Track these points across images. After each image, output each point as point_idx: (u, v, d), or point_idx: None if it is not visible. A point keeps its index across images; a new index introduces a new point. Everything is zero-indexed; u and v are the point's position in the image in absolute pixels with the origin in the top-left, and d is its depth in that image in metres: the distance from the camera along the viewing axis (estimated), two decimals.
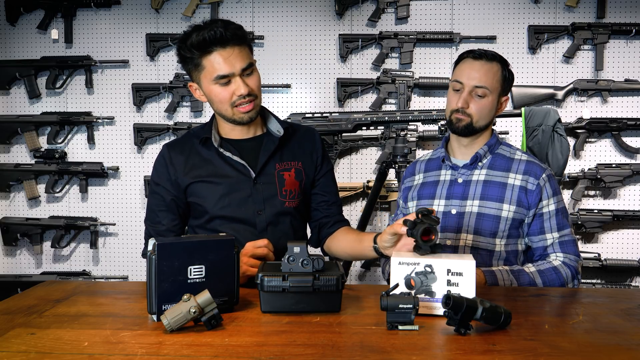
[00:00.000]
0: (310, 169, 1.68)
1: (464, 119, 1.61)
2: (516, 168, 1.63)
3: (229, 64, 1.46)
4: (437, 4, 3.06)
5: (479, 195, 1.61)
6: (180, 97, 3.12)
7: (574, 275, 1.57)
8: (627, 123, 2.94)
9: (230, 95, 1.49)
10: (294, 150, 1.66)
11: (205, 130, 1.61)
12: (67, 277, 3.18)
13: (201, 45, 1.45)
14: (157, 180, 1.61)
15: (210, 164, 1.58)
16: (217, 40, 1.45)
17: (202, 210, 1.58)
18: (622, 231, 3.04)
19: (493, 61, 1.61)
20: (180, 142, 1.64)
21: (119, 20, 3.17)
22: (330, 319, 1.14)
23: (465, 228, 1.60)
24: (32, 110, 3.20)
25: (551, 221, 1.60)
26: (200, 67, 1.49)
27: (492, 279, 1.49)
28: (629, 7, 2.99)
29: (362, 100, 3.10)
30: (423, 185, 1.72)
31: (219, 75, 1.47)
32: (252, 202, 1.57)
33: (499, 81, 1.61)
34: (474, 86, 1.59)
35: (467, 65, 1.61)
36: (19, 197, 3.25)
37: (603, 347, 0.99)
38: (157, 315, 1.11)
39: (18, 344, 1.00)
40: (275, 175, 1.61)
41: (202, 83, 1.52)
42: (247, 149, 1.60)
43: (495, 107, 1.63)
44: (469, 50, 1.65)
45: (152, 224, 1.61)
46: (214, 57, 1.46)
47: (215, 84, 1.49)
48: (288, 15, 3.10)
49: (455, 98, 1.62)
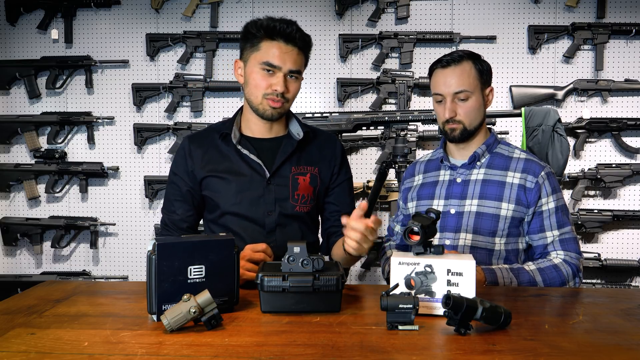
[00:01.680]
0: (326, 176, 1.68)
1: (456, 127, 1.62)
2: (515, 166, 1.63)
3: (282, 58, 1.52)
4: (437, 4, 3.06)
5: (477, 194, 1.62)
6: (180, 97, 3.12)
7: (575, 273, 1.57)
8: (627, 123, 2.94)
9: (267, 85, 1.53)
10: (313, 155, 1.66)
11: (226, 126, 1.63)
12: (67, 277, 3.18)
13: (269, 30, 1.51)
14: (175, 170, 1.65)
15: (227, 160, 1.60)
16: (284, 34, 1.52)
17: (214, 205, 1.61)
18: (622, 231, 3.04)
19: (462, 62, 1.60)
20: (201, 135, 1.67)
21: (119, 20, 3.17)
22: (330, 319, 1.14)
23: (464, 227, 1.60)
24: (32, 110, 3.20)
25: (551, 219, 1.60)
26: (256, 48, 1.53)
27: (492, 277, 1.49)
28: (629, 7, 2.99)
29: (362, 100, 3.10)
30: (422, 186, 1.73)
31: (268, 62, 1.51)
32: (264, 202, 1.58)
33: (476, 77, 1.61)
34: (453, 93, 1.60)
35: (440, 76, 1.62)
36: (19, 197, 3.25)
37: (603, 347, 0.99)
38: (157, 315, 1.11)
39: (18, 344, 1.00)
40: (290, 178, 1.61)
41: (249, 62, 1.55)
42: (266, 149, 1.62)
43: (482, 103, 1.63)
44: (436, 61, 1.65)
45: (168, 212, 1.65)
46: (273, 45, 1.52)
47: (260, 69, 1.52)
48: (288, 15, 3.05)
49: (441, 109, 1.63)
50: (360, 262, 3.12)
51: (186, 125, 3.07)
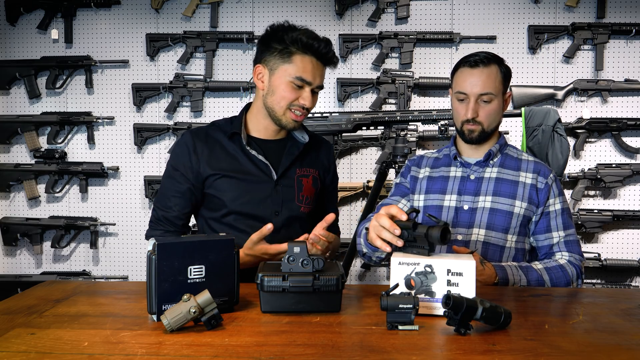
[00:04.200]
0: (323, 180, 1.74)
1: (475, 128, 1.61)
2: (526, 167, 1.66)
3: (313, 74, 1.54)
4: (437, 4, 3.06)
5: (491, 191, 1.63)
6: (180, 97, 3.11)
7: (578, 274, 1.59)
8: (627, 123, 2.94)
9: (295, 98, 1.54)
10: (313, 159, 1.71)
11: (234, 126, 1.63)
12: (67, 277, 3.18)
13: (306, 45, 1.52)
14: (176, 165, 1.62)
15: (235, 160, 1.60)
16: (320, 53, 1.53)
17: (219, 204, 1.60)
18: (622, 231, 3.04)
19: (490, 64, 1.60)
20: (206, 132, 1.65)
21: (119, 20, 3.16)
22: (330, 319, 1.14)
23: (477, 223, 1.61)
24: (32, 110, 3.20)
25: (557, 220, 1.62)
26: (288, 60, 1.53)
27: (503, 273, 1.50)
28: (629, 7, 2.99)
29: (362, 100, 3.10)
30: (431, 179, 1.71)
31: (301, 77, 1.52)
32: (271, 203, 1.60)
33: (500, 82, 1.62)
34: (479, 94, 1.59)
35: (467, 75, 1.60)
36: (19, 197, 3.25)
37: (603, 347, 0.99)
38: (157, 315, 1.11)
39: (18, 344, 1.00)
40: (295, 180, 1.64)
41: (276, 72, 1.54)
42: (271, 150, 1.64)
43: (502, 107, 1.65)
44: (463, 59, 1.63)
45: (164, 208, 1.62)
46: (306, 60, 1.53)
47: (290, 82, 1.53)
48: (288, 15, 3.09)
49: (463, 108, 1.61)
50: (360, 262, 3.12)
51: (186, 125, 3.07)
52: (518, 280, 1.51)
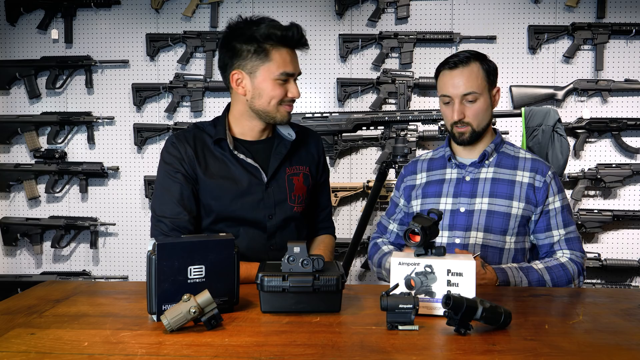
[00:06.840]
0: (314, 175, 1.69)
1: (465, 130, 1.61)
2: (523, 165, 1.64)
3: (293, 64, 1.51)
4: (437, 4, 3.06)
5: (487, 192, 1.62)
6: (180, 97, 3.11)
7: (580, 272, 1.58)
8: (627, 123, 2.93)
9: (283, 93, 1.51)
10: (302, 155, 1.67)
11: (218, 131, 1.57)
12: (67, 277, 3.18)
13: (280, 38, 1.48)
14: (174, 173, 1.52)
15: (223, 165, 1.55)
16: (294, 40, 1.50)
17: (208, 211, 1.55)
18: (622, 231, 3.04)
19: (469, 63, 1.59)
20: (193, 135, 1.58)
21: (119, 20, 3.16)
22: (330, 319, 1.14)
23: (475, 226, 1.60)
24: (32, 110, 3.20)
25: (557, 218, 1.61)
26: (267, 58, 1.49)
27: (504, 276, 1.50)
28: (629, 7, 2.99)
29: (362, 100, 3.10)
30: (428, 184, 1.71)
31: (285, 72, 1.49)
32: (264, 206, 1.56)
33: (484, 79, 1.60)
34: (462, 95, 1.58)
35: (448, 77, 1.60)
36: (19, 197, 3.25)
37: (603, 347, 0.99)
38: (157, 315, 1.11)
39: (18, 344, 1.00)
40: (285, 180, 1.60)
41: (258, 74, 1.50)
42: (259, 152, 1.59)
43: (489, 104, 1.63)
44: (443, 62, 1.63)
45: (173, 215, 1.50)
46: (283, 52, 1.49)
47: (275, 80, 1.49)
48: (288, 15, 3.09)
49: (449, 111, 1.61)
50: (360, 262, 3.12)
51: (186, 125, 3.07)
52: (519, 282, 1.51)
